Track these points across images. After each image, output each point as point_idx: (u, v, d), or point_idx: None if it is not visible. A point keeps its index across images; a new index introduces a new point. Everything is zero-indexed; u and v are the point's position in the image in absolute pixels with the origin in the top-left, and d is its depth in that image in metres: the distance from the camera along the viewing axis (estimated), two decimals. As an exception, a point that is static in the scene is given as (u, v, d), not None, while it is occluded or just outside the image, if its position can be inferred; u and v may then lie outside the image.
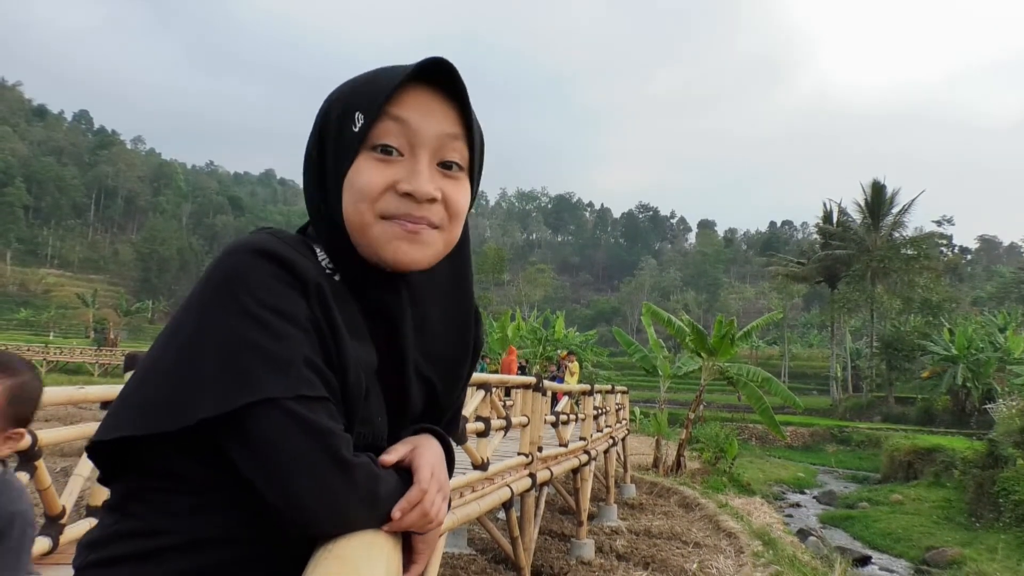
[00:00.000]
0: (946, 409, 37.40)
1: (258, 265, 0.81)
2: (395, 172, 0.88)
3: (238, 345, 0.77)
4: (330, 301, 0.84)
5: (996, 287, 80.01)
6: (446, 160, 0.91)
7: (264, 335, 0.78)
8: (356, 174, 0.88)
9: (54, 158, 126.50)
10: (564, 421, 9.68)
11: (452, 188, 0.91)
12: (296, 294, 0.81)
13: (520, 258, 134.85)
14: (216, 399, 0.76)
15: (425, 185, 0.88)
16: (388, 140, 0.88)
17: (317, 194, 0.94)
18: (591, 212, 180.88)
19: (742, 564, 9.98)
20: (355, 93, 0.90)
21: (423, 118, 0.89)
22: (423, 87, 0.90)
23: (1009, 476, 17.20)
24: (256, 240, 0.83)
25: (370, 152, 0.88)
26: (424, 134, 0.89)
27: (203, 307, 0.81)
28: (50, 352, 44.20)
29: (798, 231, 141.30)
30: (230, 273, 0.81)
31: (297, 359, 0.78)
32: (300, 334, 0.80)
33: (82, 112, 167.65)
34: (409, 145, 0.89)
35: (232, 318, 0.78)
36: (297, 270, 0.82)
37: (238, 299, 0.79)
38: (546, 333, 35.35)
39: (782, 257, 64.10)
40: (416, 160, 0.89)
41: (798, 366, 66.28)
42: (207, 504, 0.82)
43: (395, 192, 0.88)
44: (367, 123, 0.87)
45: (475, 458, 6.07)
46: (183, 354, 0.79)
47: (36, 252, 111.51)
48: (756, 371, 20.42)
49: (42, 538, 3.43)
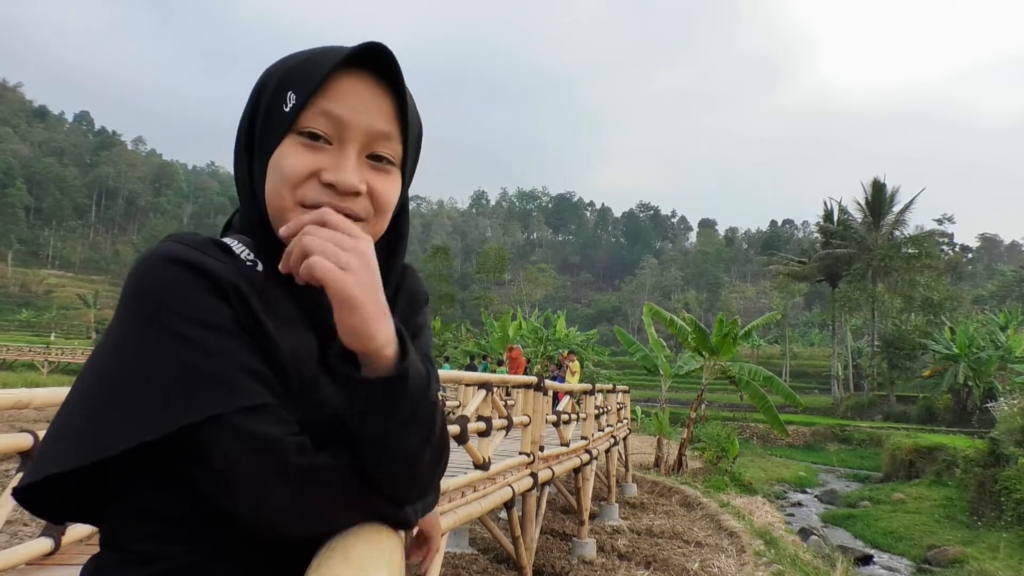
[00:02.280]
0: (947, 408, 37.35)
1: (171, 277, 0.77)
2: (320, 160, 0.85)
3: (168, 365, 0.74)
4: (250, 299, 0.80)
5: (997, 286, 79.84)
6: (376, 153, 0.88)
7: (192, 351, 0.75)
8: (281, 156, 0.85)
9: (55, 159, 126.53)
10: (565, 420, 9.68)
11: (379, 181, 0.88)
12: (215, 299, 0.78)
13: (521, 257, 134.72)
14: (152, 423, 0.73)
15: (350, 178, 0.85)
16: (316, 127, 0.85)
17: (245, 172, 0.91)
18: (592, 211, 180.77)
19: (744, 563, 9.97)
20: (291, 71, 0.87)
21: (355, 111, 0.86)
22: (361, 74, 0.86)
23: (1011, 475, 17.18)
24: (163, 251, 0.79)
25: (297, 136, 0.85)
26: (354, 127, 0.86)
27: (123, 331, 0.78)
28: (51, 353, 44.23)
29: (799, 230, 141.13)
30: (145, 291, 0.78)
31: (231, 369, 0.76)
32: (230, 342, 0.77)
33: (83, 113, 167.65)
34: (338, 135, 0.86)
35: (156, 337, 0.75)
36: (210, 274, 0.78)
37: (158, 316, 0.76)
38: (547, 332, 35.34)
39: (783, 256, 64.05)
40: (343, 151, 0.86)
41: (799, 365, 66.27)
42: (192, 525, 0.81)
43: (318, 181, 0.85)
44: (297, 105, 0.84)
45: (476, 458, 6.07)
46: (113, 381, 0.76)
47: (37, 253, 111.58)
48: (758, 370, 20.41)
49: (44, 538, 3.43)
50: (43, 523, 3.57)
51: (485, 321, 40.59)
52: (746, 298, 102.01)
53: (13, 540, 6.20)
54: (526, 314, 44.38)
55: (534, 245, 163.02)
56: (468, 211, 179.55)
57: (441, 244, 73.45)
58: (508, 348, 21.07)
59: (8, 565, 3.15)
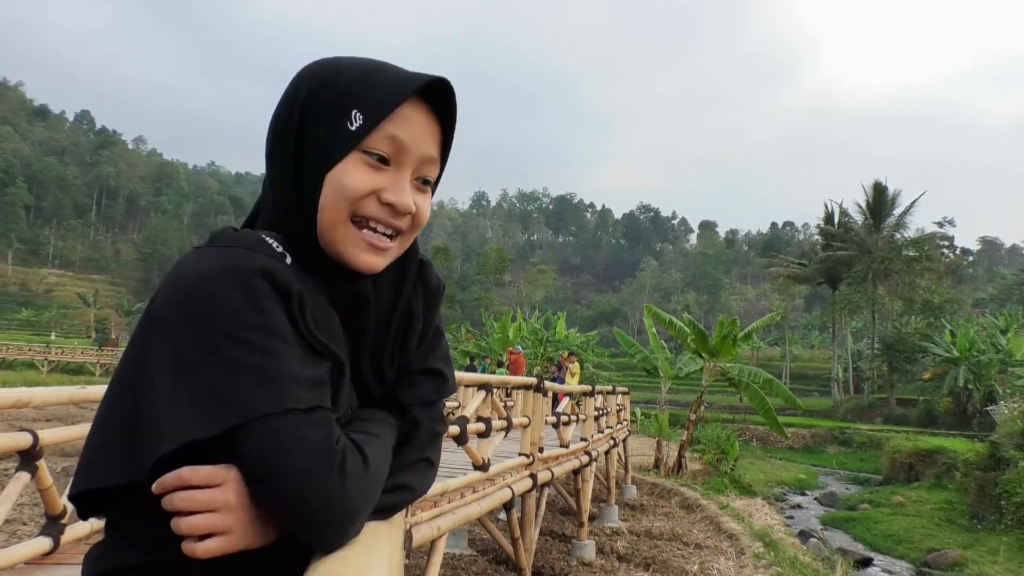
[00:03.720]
0: (947, 411, 37.34)
1: (235, 287, 0.79)
2: (381, 180, 0.91)
3: (223, 365, 0.76)
4: (307, 306, 0.84)
5: (998, 289, 79.86)
6: (423, 177, 0.96)
7: (247, 353, 0.77)
8: (345, 172, 0.89)
9: (56, 158, 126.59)
10: (565, 422, 9.68)
11: (422, 201, 0.96)
12: (276, 305, 0.81)
13: (521, 259, 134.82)
14: (205, 421, 0.75)
15: (408, 200, 0.92)
16: (382, 149, 0.90)
17: (290, 180, 0.93)
18: (592, 213, 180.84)
19: (743, 566, 9.96)
20: (353, 88, 0.90)
21: (415, 138, 0.92)
22: (420, 102, 0.93)
23: (1011, 478, 17.18)
24: (230, 262, 0.80)
25: (362, 154, 0.90)
26: (413, 153, 0.92)
27: (178, 330, 0.78)
28: (51, 352, 44.26)
29: (799, 232, 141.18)
30: (203, 294, 0.78)
31: (281, 371, 0.78)
32: (283, 347, 0.79)
33: (84, 112, 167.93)
34: (397, 158, 0.92)
35: (213, 339, 0.77)
36: (276, 280, 0.81)
37: (215, 319, 0.77)
38: (547, 334, 35.31)
39: (783, 258, 64.05)
40: (401, 174, 0.92)
41: (799, 367, 66.24)
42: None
43: (377, 199, 0.91)
44: (366, 127, 0.89)
45: (476, 458, 6.07)
46: (165, 380, 0.77)
47: (37, 252, 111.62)
48: (757, 372, 20.40)
49: (43, 538, 3.43)
50: (42, 522, 3.57)
51: (485, 322, 40.60)
52: (746, 300, 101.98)
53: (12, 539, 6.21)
54: (526, 315, 44.39)
55: (534, 246, 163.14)
56: (468, 212, 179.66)
57: (441, 245, 73.62)
58: (508, 351, 21.05)
59: (7, 564, 3.15)
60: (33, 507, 8.06)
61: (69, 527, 3.57)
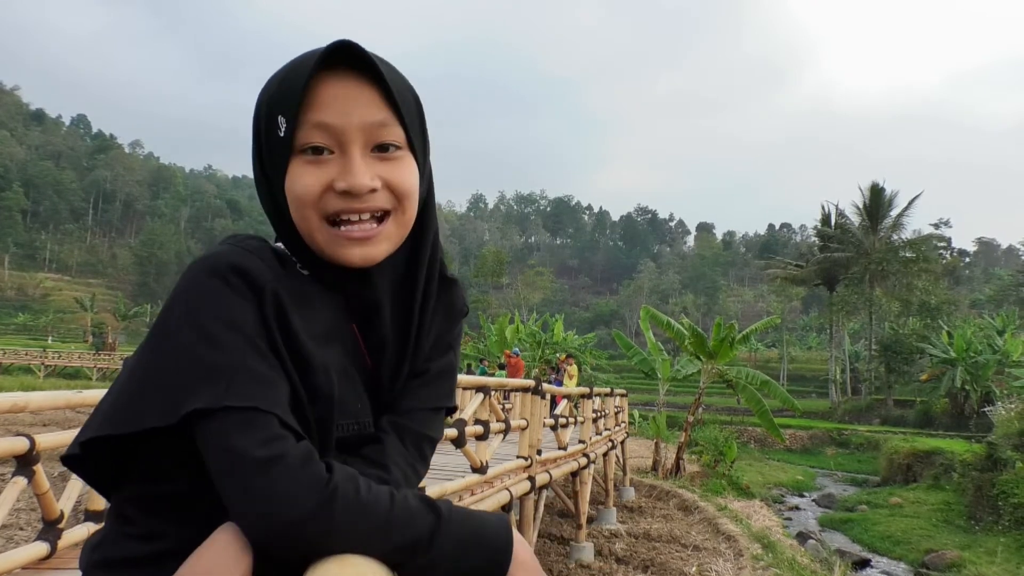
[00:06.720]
0: (945, 412, 37.39)
1: (211, 276, 0.81)
2: (328, 171, 0.86)
3: (183, 356, 0.78)
4: (286, 306, 0.83)
5: (994, 290, 79.93)
6: (379, 143, 0.88)
7: (204, 346, 0.78)
8: (292, 180, 0.86)
9: (52, 162, 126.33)
10: (563, 424, 9.69)
11: (391, 169, 0.88)
12: (246, 302, 0.81)
13: (519, 261, 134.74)
14: (162, 410, 0.77)
15: (359, 179, 0.85)
16: (314, 140, 0.85)
17: (269, 201, 0.93)
18: (590, 215, 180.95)
19: (741, 567, 9.96)
20: (273, 94, 0.88)
21: (344, 113, 0.85)
22: (340, 73, 0.86)
23: (1008, 479, 17.19)
24: (213, 253, 0.84)
25: (300, 155, 0.86)
26: (349, 129, 0.85)
27: (164, 320, 0.82)
28: (48, 356, 44.13)
29: (796, 234, 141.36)
30: (186, 287, 0.82)
31: (232, 366, 0.77)
32: (242, 342, 0.79)
33: (80, 116, 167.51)
34: (337, 142, 0.86)
35: (183, 330, 0.79)
36: (251, 277, 0.82)
37: (187, 311, 0.80)
38: (545, 336, 35.33)
39: (781, 260, 64.08)
40: (347, 155, 0.86)
41: (797, 369, 66.23)
42: (197, 509, 0.82)
43: (333, 191, 0.86)
44: (289, 128, 0.85)
45: (474, 461, 6.07)
46: (148, 366, 0.81)
47: (34, 256, 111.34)
48: (755, 374, 20.42)
49: (40, 543, 3.42)
50: (39, 527, 3.56)
51: (483, 325, 40.57)
52: (744, 302, 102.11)
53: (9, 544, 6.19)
54: (524, 318, 44.33)
55: (532, 248, 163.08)
56: (466, 214, 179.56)
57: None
58: (506, 354, 21.03)
59: (4, 569, 3.14)
60: (30, 512, 8.03)
61: (66, 532, 3.56)
